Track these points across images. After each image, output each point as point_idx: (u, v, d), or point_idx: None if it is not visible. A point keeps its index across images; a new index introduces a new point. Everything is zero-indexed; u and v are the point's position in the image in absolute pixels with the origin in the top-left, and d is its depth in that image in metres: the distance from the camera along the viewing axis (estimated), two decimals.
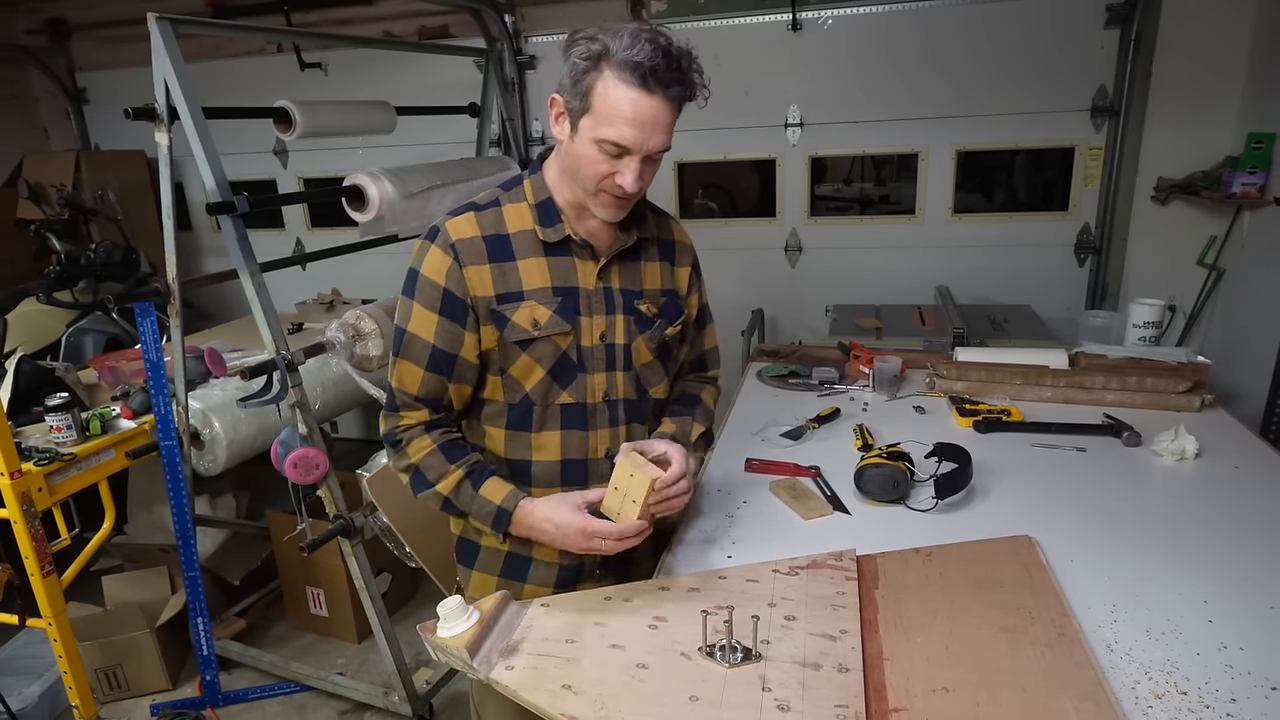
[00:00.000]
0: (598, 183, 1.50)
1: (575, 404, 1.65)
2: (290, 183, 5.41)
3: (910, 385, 2.86)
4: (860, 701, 1.26)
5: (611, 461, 1.60)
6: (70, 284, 4.06)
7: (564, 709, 1.27)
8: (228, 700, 3.25)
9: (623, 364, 1.67)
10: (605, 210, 1.55)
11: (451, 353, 1.59)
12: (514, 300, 1.58)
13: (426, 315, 1.57)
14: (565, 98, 1.48)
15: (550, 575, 1.75)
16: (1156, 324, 3.05)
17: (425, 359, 1.59)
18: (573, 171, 1.54)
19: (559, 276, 1.60)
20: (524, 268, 1.59)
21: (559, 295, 1.60)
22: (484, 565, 1.78)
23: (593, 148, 1.46)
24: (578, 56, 1.43)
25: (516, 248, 1.59)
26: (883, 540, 1.81)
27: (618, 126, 1.43)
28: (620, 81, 1.41)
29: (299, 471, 2.66)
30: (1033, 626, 1.44)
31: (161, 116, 2.68)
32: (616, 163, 1.47)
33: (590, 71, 1.43)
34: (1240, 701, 1.29)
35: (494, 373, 1.64)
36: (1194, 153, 3.93)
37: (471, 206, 1.62)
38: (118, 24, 5.39)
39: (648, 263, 1.72)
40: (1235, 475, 2.13)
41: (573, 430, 1.66)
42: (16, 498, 2.56)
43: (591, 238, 1.62)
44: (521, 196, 1.63)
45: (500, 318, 1.57)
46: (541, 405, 1.64)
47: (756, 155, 4.58)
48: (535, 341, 1.59)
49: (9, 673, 3.19)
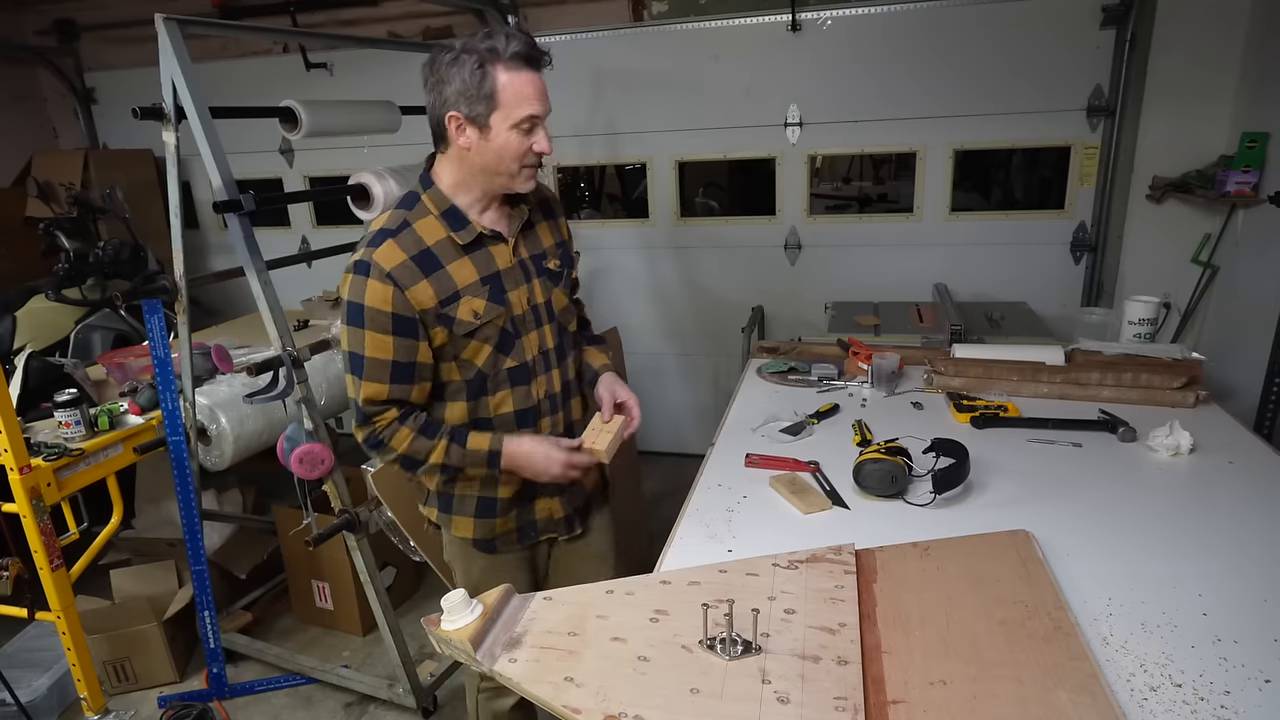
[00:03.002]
0: (521, 160, 1.75)
1: (518, 366, 1.90)
2: (296, 181, 5.42)
3: (908, 381, 2.88)
4: (859, 694, 1.27)
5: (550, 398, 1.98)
6: (79, 281, 4.08)
7: (566, 701, 1.28)
8: (234, 692, 3.27)
9: (548, 318, 1.95)
10: (527, 183, 1.80)
11: (410, 362, 1.80)
12: (453, 300, 1.79)
13: (381, 339, 1.75)
14: (465, 109, 1.70)
15: (510, 504, 2.02)
16: (1151, 321, 3.06)
17: (388, 374, 1.79)
18: (491, 166, 1.76)
19: (482, 267, 1.83)
20: (453, 271, 1.80)
21: (486, 283, 1.83)
22: (460, 509, 2.01)
23: (512, 134, 1.71)
24: (465, 71, 1.67)
25: (440, 255, 1.79)
26: (881, 534, 1.82)
27: (528, 104, 1.70)
28: (516, 71, 1.68)
29: (305, 466, 2.67)
30: (1029, 620, 1.45)
31: (169, 116, 2.68)
32: (531, 136, 1.73)
33: (485, 77, 1.67)
34: (1234, 694, 1.30)
35: (447, 360, 1.86)
36: (1188, 151, 3.94)
37: (384, 234, 1.78)
38: (126, 25, 5.40)
39: (539, 225, 1.98)
40: (1229, 470, 2.15)
41: (518, 386, 1.92)
42: (26, 492, 2.58)
43: (496, 225, 1.86)
44: (426, 211, 1.82)
45: (446, 318, 1.79)
46: (492, 374, 1.89)
47: (756, 154, 4.59)
48: (480, 328, 1.82)
49: (18, 665, 3.20)
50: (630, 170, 5.08)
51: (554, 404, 2.00)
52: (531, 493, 2.03)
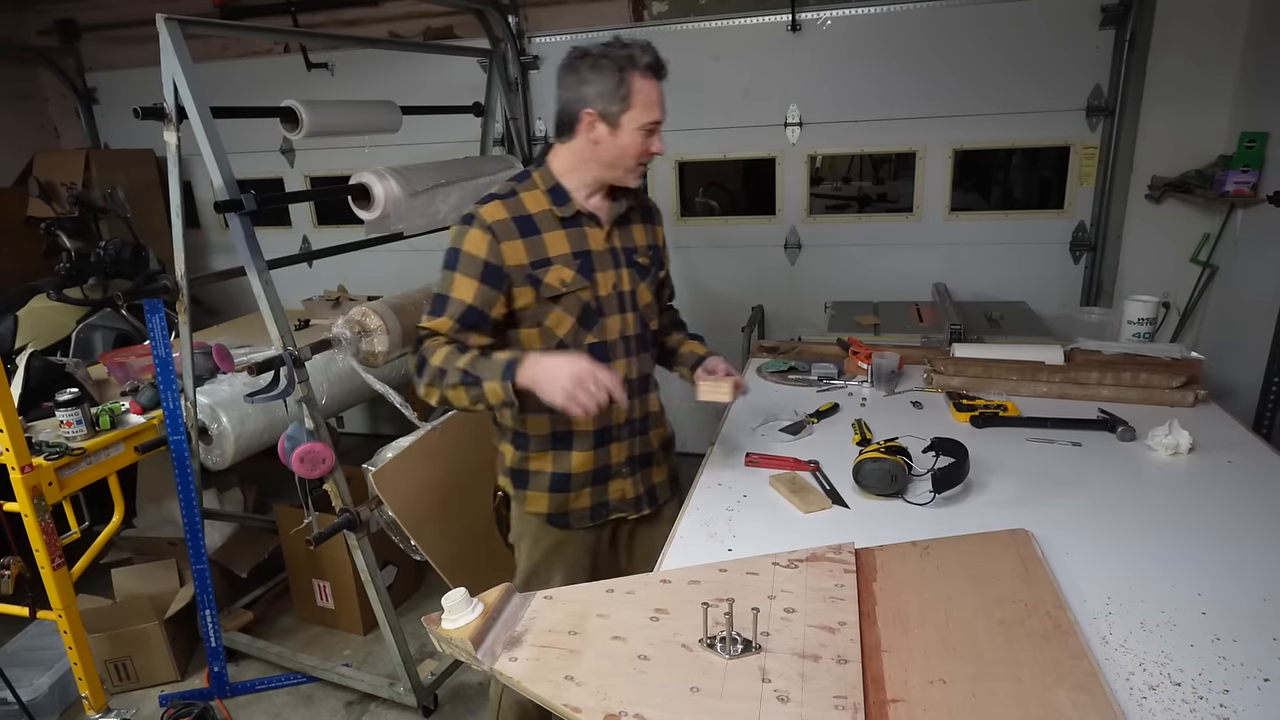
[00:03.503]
0: (639, 159, 1.95)
1: (599, 343, 2.04)
2: (297, 181, 5.42)
3: (908, 381, 2.88)
4: (859, 693, 1.27)
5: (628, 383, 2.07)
6: (80, 281, 4.08)
7: (567, 700, 1.29)
8: (235, 691, 3.28)
9: (631, 306, 2.09)
10: (637, 179, 2.01)
11: (484, 311, 1.94)
12: (544, 265, 1.95)
13: (468, 282, 1.92)
14: (600, 107, 1.89)
15: (585, 479, 2.13)
16: (1151, 320, 3.07)
17: (460, 314, 1.93)
18: (613, 161, 1.95)
19: (575, 243, 2.00)
20: (548, 239, 1.97)
21: (577, 258, 1.99)
22: (535, 484, 2.14)
23: (637, 134, 1.91)
24: (606, 73, 1.86)
25: (540, 224, 1.97)
26: (881, 533, 1.82)
27: (654, 110, 1.91)
28: (647, 79, 1.89)
29: (306, 466, 2.67)
30: (1029, 619, 1.45)
31: (170, 116, 2.68)
32: (650, 139, 1.94)
33: (624, 81, 1.87)
34: (1233, 692, 1.30)
35: (530, 326, 2.01)
36: (1188, 151, 3.94)
37: (494, 196, 1.98)
38: (127, 25, 5.39)
39: (636, 225, 2.13)
40: (1228, 469, 2.15)
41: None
42: (27, 491, 2.58)
43: (595, 210, 2.03)
44: (533, 185, 2.00)
45: (535, 279, 1.95)
46: (574, 347, 2.01)
47: (756, 154, 4.59)
48: (564, 296, 1.97)
49: (20, 664, 3.20)
50: None
51: (631, 389, 2.10)
52: (605, 473, 2.16)
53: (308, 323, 4.13)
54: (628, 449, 2.17)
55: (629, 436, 2.16)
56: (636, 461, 2.20)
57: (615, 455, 2.15)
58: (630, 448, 2.17)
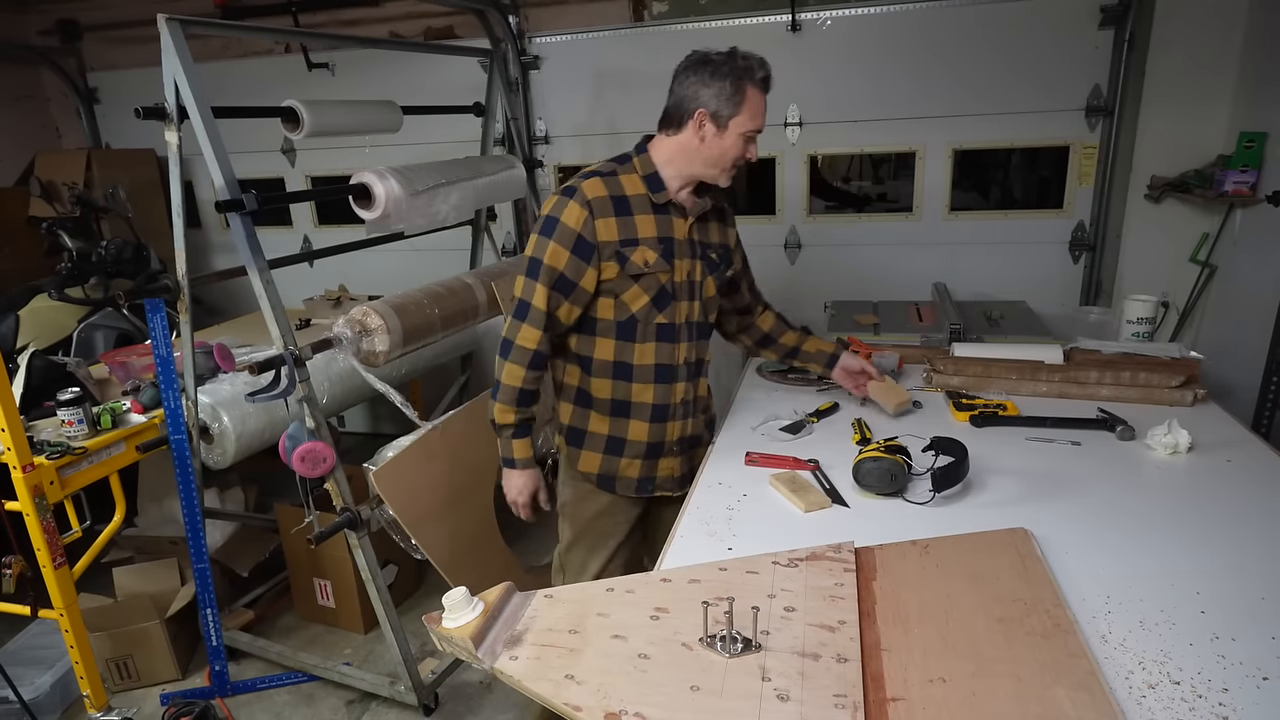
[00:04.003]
0: (735, 162, 2.12)
1: (667, 324, 2.20)
2: (298, 181, 5.42)
3: (908, 380, 2.87)
4: (858, 691, 1.27)
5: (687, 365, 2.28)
6: (82, 280, 4.09)
7: (567, 698, 1.29)
8: (236, 690, 3.28)
9: (699, 295, 2.25)
10: (728, 180, 2.17)
11: (574, 280, 2.11)
12: (632, 245, 2.11)
13: (560, 251, 2.09)
14: (714, 107, 2.05)
15: (639, 449, 2.30)
16: (1150, 320, 3.08)
17: (552, 281, 2.11)
18: (713, 159, 2.11)
19: (662, 229, 2.15)
20: (639, 221, 2.13)
21: (661, 243, 2.15)
22: (591, 445, 2.32)
23: (740, 139, 2.08)
24: (721, 79, 2.03)
25: (634, 206, 2.13)
26: (881, 532, 1.82)
27: (759, 120, 2.09)
28: (758, 91, 2.07)
29: (306, 465, 2.68)
30: (1028, 617, 1.45)
31: (171, 116, 2.69)
32: (749, 145, 2.12)
33: (738, 89, 2.03)
34: (1232, 691, 1.30)
35: (608, 297, 2.16)
36: (1187, 151, 3.95)
37: (596, 174, 2.14)
38: (128, 25, 5.40)
39: (713, 223, 2.29)
40: (1227, 468, 2.15)
41: (664, 343, 2.21)
42: (29, 491, 2.58)
43: (684, 202, 2.18)
44: (633, 170, 2.16)
45: (622, 257, 2.11)
46: (644, 324, 2.18)
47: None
48: (644, 276, 2.13)
49: (21, 663, 3.20)
50: None
51: (690, 372, 2.29)
52: (659, 449, 2.32)
53: (309, 322, 4.13)
54: (680, 429, 2.32)
55: (683, 417, 2.32)
56: (687, 441, 2.36)
57: (671, 433, 2.31)
58: (684, 428, 2.33)
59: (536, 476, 2.33)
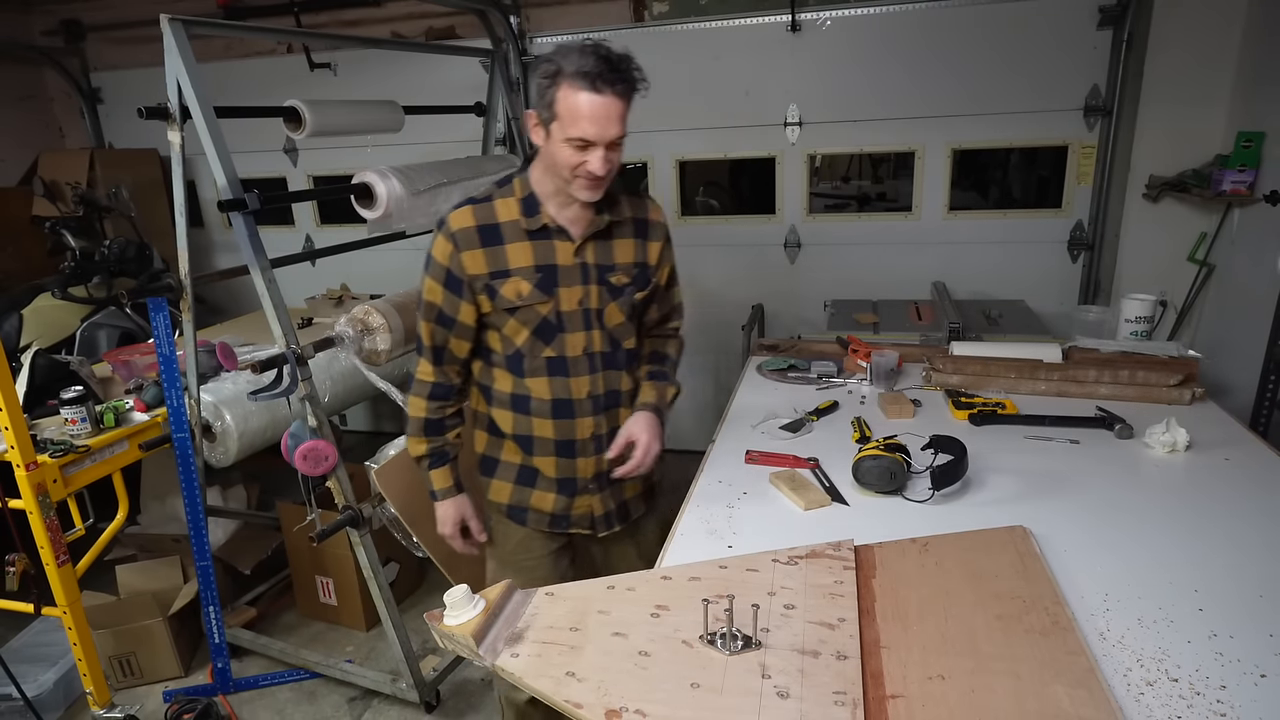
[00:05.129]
0: (573, 171, 1.82)
1: (557, 357, 2.01)
2: (300, 180, 5.43)
3: (907, 379, 2.90)
4: (858, 688, 1.28)
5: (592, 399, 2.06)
6: (85, 279, 4.09)
7: (568, 695, 1.30)
8: (239, 687, 3.29)
9: (598, 324, 2.03)
10: (584, 192, 1.87)
11: (451, 315, 1.99)
12: (502, 276, 1.94)
13: (435, 287, 1.98)
14: (537, 111, 1.83)
15: (550, 484, 2.13)
16: (1148, 319, 3.09)
17: (432, 316, 2.01)
18: (552, 167, 1.86)
19: (540, 256, 1.95)
20: (511, 250, 1.94)
21: (539, 272, 1.95)
22: (502, 474, 2.16)
23: (565, 146, 1.79)
24: (540, 76, 1.78)
25: (505, 234, 1.94)
26: (880, 530, 1.83)
27: (580, 125, 1.75)
28: (575, 89, 1.74)
29: (308, 463, 2.68)
30: (1027, 615, 1.46)
31: (174, 115, 2.70)
32: (585, 154, 1.79)
33: (551, 87, 1.76)
34: (1230, 688, 1.31)
35: (493, 329, 2.02)
36: (1185, 151, 3.96)
37: (471, 201, 1.98)
38: (131, 25, 5.41)
39: (620, 240, 2.04)
40: (1225, 466, 2.16)
41: (556, 377, 2.03)
42: (32, 489, 2.58)
43: (570, 224, 1.95)
44: (511, 192, 1.97)
45: (492, 290, 1.94)
46: (530, 357, 2.01)
47: (756, 154, 4.60)
48: (520, 309, 1.96)
49: (25, 660, 3.20)
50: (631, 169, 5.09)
51: (596, 405, 2.07)
52: (572, 485, 2.13)
53: (310, 321, 4.14)
54: (596, 465, 2.11)
55: (596, 453, 2.10)
56: (605, 477, 2.14)
57: (583, 469, 2.11)
58: (599, 464, 2.11)
59: (461, 504, 2.19)
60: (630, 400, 2.15)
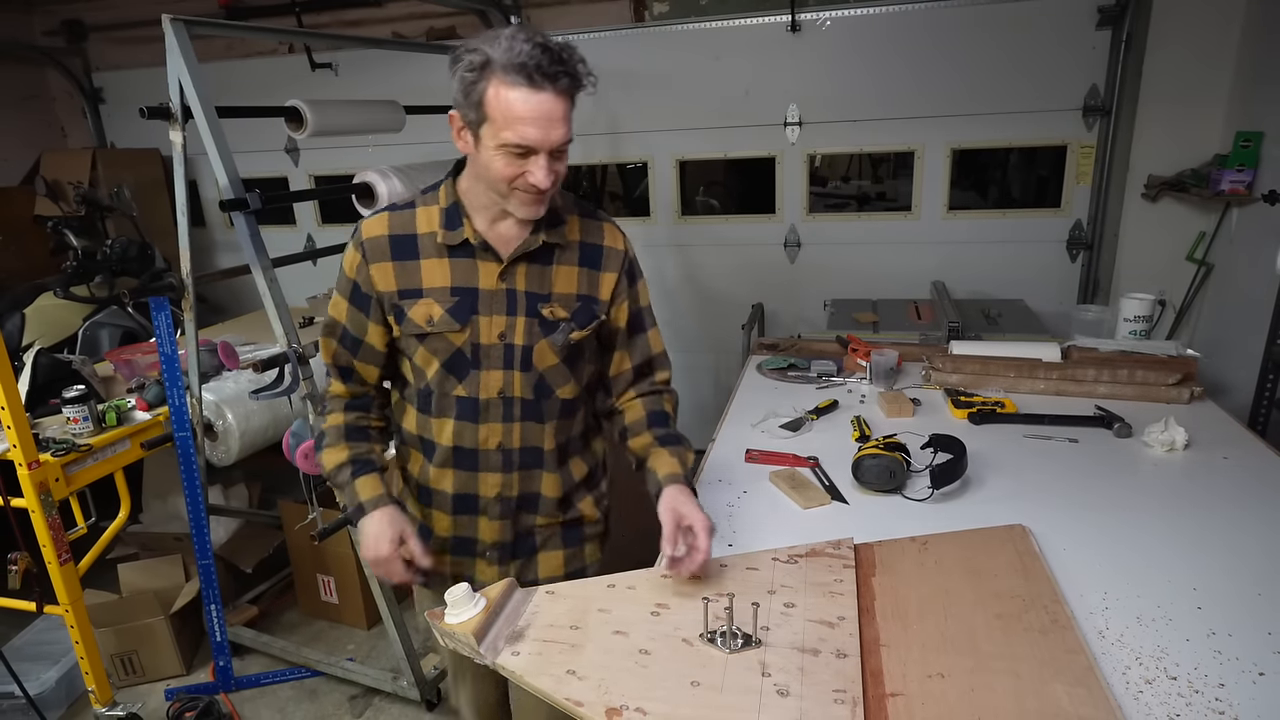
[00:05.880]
0: (510, 184, 1.52)
1: (468, 397, 1.70)
2: (301, 180, 5.43)
3: (907, 378, 2.90)
4: (858, 686, 1.28)
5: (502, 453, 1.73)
6: (87, 279, 4.09)
7: (569, 694, 1.30)
8: (240, 685, 3.29)
9: (521, 364, 1.69)
10: (524, 208, 1.56)
11: (358, 336, 1.72)
12: (413, 296, 1.65)
13: (340, 301, 1.72)
14: (461, 112, 1.52)
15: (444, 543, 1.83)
16: (1147, 318, 3.09)
17: (337, 335, 1.74)
18: (485, 179, 1.55)
19: (459, 277, 1.65)
20: (425, 267, 1.65)
21: (456, 295, 1.64)
22: None
23: (499, 154, 1.48)
24: (464, 70, 1.46)
25: (421, 248, 1.65)
26: (880, 529, 1.84)
27: (517, 128, 1.44)
28: (508, 85, 1.42)
29: (310, 462, 2.68)
30: (1026, 613, 1.46)
31: (176, 115, 2.70)
32: (524, 162, 1.49)
33: (479, 82, 1.44)
34: (1229, 686, 1.31)
35: (403, 357, 1.75)
36: (1183, 151, 3.96)
37: (390, 208, 1.71)
38: (133, 25, 5.43)
39: (562, 266, 1.70)
40: (1224, 465, 2.16)
41: (464, 421, 1.71)
42: (34, 487, 2.58)
43: (499, 241, 1.64)
44: (435, 200, 1.67)
45: (399, 311, 1.66)
46: (439, 394, 1.71)
47: (756, 154, 4.61)
48: (429, 336, 1.66)
49: (27, 658, 3.21)
50: (632, 169, 5.10)
51: (507, 462, 1.75)
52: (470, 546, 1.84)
53: (312, 320, 4.15)
54: (499, 530, 1.80)
55: (500, 516, 1.79)
56: (509, 549, 1.83)
57: (483, 532, 1.80)
58: (502, 530, 1.80)
59: (396, 517, 1.70)
60: (558, 463, 1.81)
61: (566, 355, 1.72)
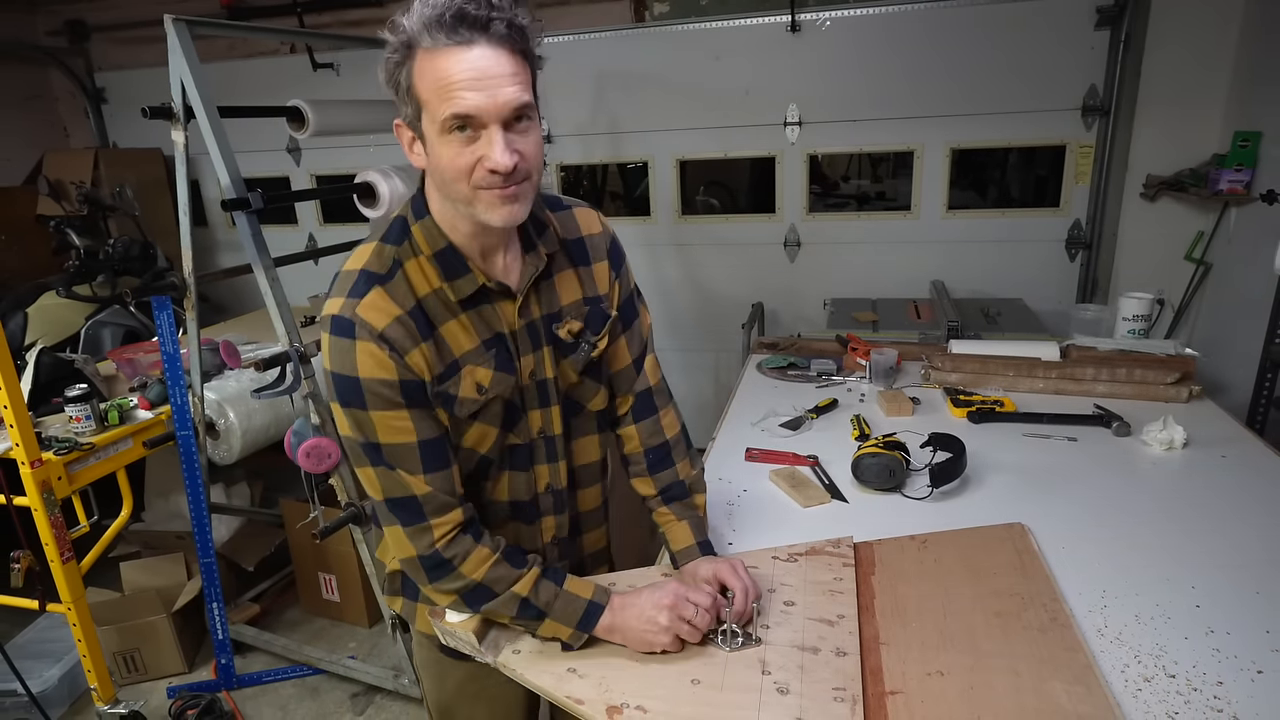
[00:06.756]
0: (470, 180, 1.22)
1: (522, 444, 1.48)
2: (303, 179, 5.43)
3: (906, 377, 2.90)
4: (857, 684, 1.29)
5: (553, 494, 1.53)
6: (89, 278, 4.09)
7: (569, 691, 1.31)
8: (242, 683, 3.30)
9: (556, 397, 1.48)
10: (495, 210, 1.24)
11: (438, 437, 1.36)
12: (452, 373, 1.34)
13: (395, 418, 1.31)
14: (402, 117, 1.28)
15: None
16: (1146, 317, 3.09)
17: (420, 461, 1.33)
18: (445, 187, 1.27)
19: (484, 329, 1.37)
20: (449, 333, 1.34)
21: (490, 347, 1.37)
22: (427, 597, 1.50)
23: (447, 144, 1.21)
24: (388, 55, 1.22)
25: (432, 313, 1.33)
26: (879, 527, 1.84)
27: (452, 97, 1.17)
28: (432, 51, 1.17)
29: (312, 460, 2.68)
30: (1025, 611, 1.47)
31: (178, 115, 2.71)
32: (477, 143, 1.20)
33: (405, 62, 1.20)
34: (1227, 684, 1.32)
35: None
36: (1182, 150, 3.97)
37: (371, 280, 1.30)
38: (135, 25, 5.44)
39: (560, 274, 1.46)
40: (1222, 464, 2.17)
41: (518, 471, 1.49)
42: (37, 486, 2.58)
43: (505, 276, 1.38)
44: (417, 250, 1.33)
45: (445, 397, 1.34)
46: (497, 457, 1.46)
47: (756, 153, 4.61)
48: (487, 404, 1.38)
49: (30, 656, 3.22)
50: (632, 169, 5.10)
51: (558, 502, 1.55)
52: None
53: (314, 319, 4.14)
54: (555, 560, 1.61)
55: (559, 559, 1.61)
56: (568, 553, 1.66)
57: None
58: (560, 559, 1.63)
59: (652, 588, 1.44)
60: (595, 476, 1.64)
61: (586, 367, 1.50)
